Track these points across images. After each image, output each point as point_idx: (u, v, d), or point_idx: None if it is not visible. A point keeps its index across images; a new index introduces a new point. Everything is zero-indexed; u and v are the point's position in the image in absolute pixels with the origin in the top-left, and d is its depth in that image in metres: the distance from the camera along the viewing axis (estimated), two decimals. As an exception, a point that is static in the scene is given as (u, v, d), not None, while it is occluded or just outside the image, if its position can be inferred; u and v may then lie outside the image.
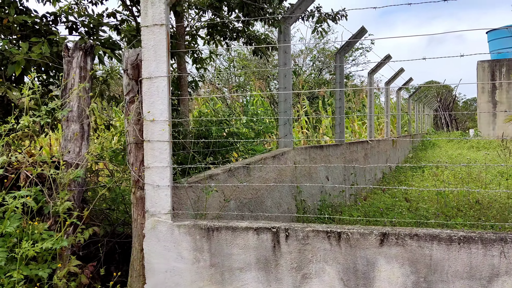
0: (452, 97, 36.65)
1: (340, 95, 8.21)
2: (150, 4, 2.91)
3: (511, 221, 6.26)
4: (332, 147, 7.41)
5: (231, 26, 6.57)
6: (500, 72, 30.57)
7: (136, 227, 3.03)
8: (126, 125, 3.05)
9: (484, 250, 2.30)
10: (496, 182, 10.01)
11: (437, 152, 18.33)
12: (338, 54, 8.24)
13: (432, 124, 34.65)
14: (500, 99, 30.37)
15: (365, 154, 9.85)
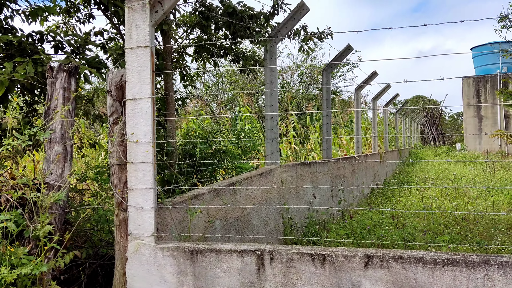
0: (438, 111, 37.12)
1: (327, 112, 8.26)
2: (135, 26, 2.92)
3: (497, 238, 6.31)
4: (319, 164, 7.43)
5: (218, 44, 6.62)
6: (485, 87, 31.12)
7: (119, 249, 2.98)
8: (110, 147, 3.03)
9: (468, 273, 2.30)
10: (482, 197, 10.10)
11: (424, 167, 18.49)
12: (324, 71, 8.32)
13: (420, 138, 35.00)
14: (486, 114, 30.87)
15: (353, 170, 9.88)
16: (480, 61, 33.18)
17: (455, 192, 10.58)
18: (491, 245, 5.77)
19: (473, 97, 31.16)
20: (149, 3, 2.93)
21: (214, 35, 6.38)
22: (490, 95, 30.85)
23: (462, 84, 32.14)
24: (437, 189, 11.40)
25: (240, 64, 6.84)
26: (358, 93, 11.23)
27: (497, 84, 30.27)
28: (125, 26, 2.95)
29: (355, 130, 11.17)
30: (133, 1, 2.93)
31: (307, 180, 6.76)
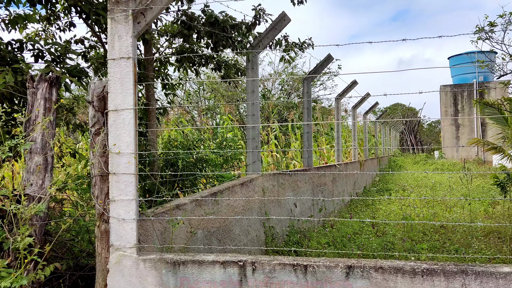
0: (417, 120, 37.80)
1: (308, 121, 8.35)
2: (117, 37, 2.93)
3: (474, 245, 6.45)
4: (300, 173, 7.49)
5: (200, 53, 6.64)
6: (462, 96, 31.87)
7: (100, 261, 2.96)
8: (91, 157, 3.01)
9: (447, 282, 2.37)
10: (459, 205, 10.31)
11: (404, 175, 18.77)
12: (305, 80, 8.41)
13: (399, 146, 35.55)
14: (463, 122, 31.57)
15: (333, 178, 9.99)
16: (457, 70, 33.98)
17: (433, 200, 10.77)
18: (468, 254, 5.90)
19: (451, 105, 31.88)
20: (132, 14, 2.94)
21: (196, 44, 6.41)
22: (467, 103, 31.59)
23: (440, 93, 32.84)
24: (417, 196, 11.60)
25: (222, 72, 6.88)
26: (339, 102, 11.38)
27: (474, 93, 31.03)
28: (108, 37, 2.95)
29: (335, 138, 11.30)
30: (116, 12, 2.93)
31: (289, 189, 6.80)
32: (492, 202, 10.74)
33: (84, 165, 5.49)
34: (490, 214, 9.31)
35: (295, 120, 15.93)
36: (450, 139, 31.46)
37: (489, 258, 5.53)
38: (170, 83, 6.65)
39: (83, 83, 4.57)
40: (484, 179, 16.74)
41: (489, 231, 7.48)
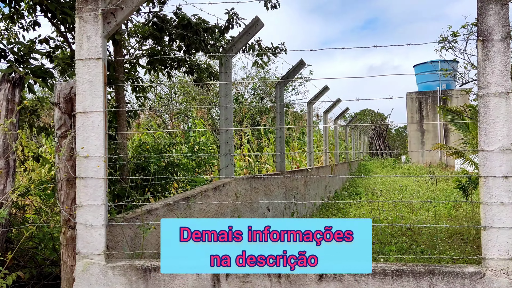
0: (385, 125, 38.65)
1: (280, 125, 8.38)
2: (86, 37, 2.84)
3: (439, 246, 6.61)
4: (273, 177, 7.49)
5: (172, 55, 6.55)
6: (426, 103, 32.81)
7: (66, 269, 2.85)
8: (57, 161, 2.90)
9: (415, 283, 2.39)
10: (425, 208, 10.56)
11: (373, 179, 19.10)
12: (278, 85, 8.44)
13: (368, 151, 36.21)
14: (427, 128, 32.48)
15: (305, 182, 10.05)
16: (422, 78, 34.95)
17: (400, 203, 11.00)
18: (434, 255, 6.03)
19: (416, 111, 32.74)
20: (102, 14, 2.86)
21: (168, 46, 6.32)
22: (431, 110, 32.54)
23: (406, 99, 33.70)
24: (385, 199, 11.81)
25: (194, 76, 6.81)
26: (310, 107, 11.48)
27: (438, 100, 31.99)
28: (76, 37, 2.86)
29: (307, 143, 11.38)
30: (85, 11, 2.85)
31: (261, 193, 6.79)
32: (455, 204, 11.06)
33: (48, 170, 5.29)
34: (453, 216, 9.57)
35: (268, 125, 15.97)
36: (416, 144, 32.31)
37: (453, 258, 5.67)
38: (141, 85, 6.52)
39: (48, 84, 4.42)
40: (447, 182, 17.21)
41: (452, 233, 7.68)
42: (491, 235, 2.32)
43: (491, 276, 2.31)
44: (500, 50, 2.30)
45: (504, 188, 2.28)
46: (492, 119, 2.31)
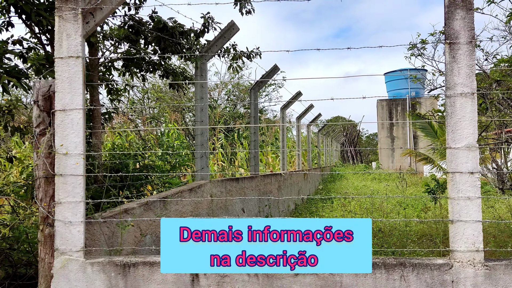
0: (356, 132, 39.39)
1: (254, 129, 8.48)
2: (66, 36, 2.86)
3: (409, 247, 6.83)
4: (248, 180, 7.57)
5: (147, 59, 6.56)
6: (396, 110, 33.64)
7: (43, 267, 2.84)
8: (35, 159, 2.90)
9: (387, 274, 2.52)
10: (395, 211, 10.86)
11: (345, 184, 19.45)
12: (252, 90, 8.55)
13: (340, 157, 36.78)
14: (397, 135, 33.30)
15: (279, 186, 10.17)
16: (392, 86, 35.85)
17: (372, 207, 11.25)
18: (404, 254, 6.23)
19: (386, 118, 33.50)
20: (82, 13, 2.89)
21: (143, 50, 6.33)
22: (401, 117, 33.38)
23: (377, 107, 34.47)
24: (357, 203, 12.05)
25: (170, 79, 6.83)
26: (284, 112, 11.64)
27: (407, 107, 32.86)
28: (56, 35, 2.88)
29: (280, 147, 11.52)
30: (65, 10, 2.87)
31: (236, 196, 6.85)
32: (424, 207, 11.41)
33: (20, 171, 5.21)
34: (422, 219, 9.88)
35: (242, 130, 16.05)
36: (386, 150, 33.06)
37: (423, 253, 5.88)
38: (115, 88, 6.50)
39: (22, 85, 4.38)
40: (417, 187, 17.69)
41: (422, 234, 7.95)
42: (458, 228, 2.46)
43: (459, 267, 2.46)
44: (466, 53, 2.47)
45: (470, 184, 2.43)
46: (459, 118, 2.47)
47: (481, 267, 2.43)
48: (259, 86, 8.68)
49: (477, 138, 2.43)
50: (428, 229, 8.13)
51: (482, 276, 2.43)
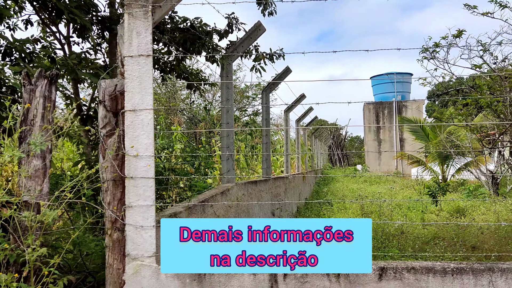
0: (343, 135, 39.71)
1: (266, 131, 8.43)
2: (136, 34, 2.77)
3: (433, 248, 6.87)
4: (263, 182, 7.52)
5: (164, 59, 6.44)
6: (383, 113, 34.00)
7: (112, 273, 2.73)
8: (102, 161, 2.79)
9: (475, 280, 2.50)
10: (399, 214, 10.92)
11: (339, 186, 19.54)
12: (264, 92, 8.51)
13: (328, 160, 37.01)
14: (384, 138, 33.66)
15: (285, 189, 10.15)
16: (378, 89, 36.25)
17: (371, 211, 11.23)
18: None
19: (373, 121, 33.82)
20: (151, 10, 2.80)
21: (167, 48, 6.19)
22: (387, 120, 33.76)
23: (364, 110, 34.75)
24: (357, 206, 12.07)
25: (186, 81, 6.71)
26: (287, 115, 11.63)
27: (393, 110, 33.25)
28: (125, 33, 2.78)
29: (284, 150, 11.50)
30: (134, 7, 2.78)
31: (255, 198, 6.79)
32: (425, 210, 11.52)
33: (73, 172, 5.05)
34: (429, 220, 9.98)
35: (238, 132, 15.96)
36: (373, 153, 33.39)
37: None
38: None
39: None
40: (411, 190, 17.85)
41: (433, 236, 8.02)
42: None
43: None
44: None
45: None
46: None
47: None
48: (270, 88, 8.64)
49: None
50: (440, 232, 8.21)
51: None
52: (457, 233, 7.87)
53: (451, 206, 10.98)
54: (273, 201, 8.32)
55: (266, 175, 8.30)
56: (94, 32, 5.40)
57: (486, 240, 7.24)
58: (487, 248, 6.62)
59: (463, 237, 7.50)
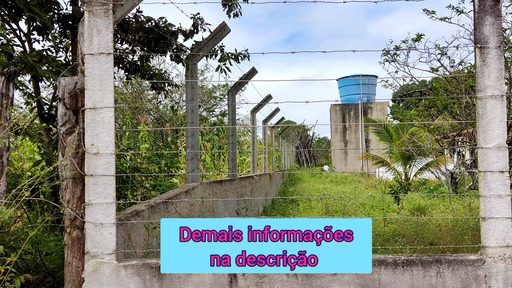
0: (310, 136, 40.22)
1: (232, 131, 8.48)
2: (96, 32, 2.76)
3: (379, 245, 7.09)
4: (229, 182, 7.56)
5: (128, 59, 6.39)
6: (349, 115, 34.69)
7: (71, 271, 2.71)
8: (61, 158, 2.77)
9: (424, 271, 2.64)
10: (364, 212, 11.20)
11: (305, 186, 19.79)
12: (230, 92, 8.56)
13: (295, 160, 37.38)
14: (350, 139, 34.32)
15: (251, 188, 10.22)
16: (344, 91, 36.93)
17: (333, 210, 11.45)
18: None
19: (340, 122, 34.43)
20: (112, 9, 2.81)
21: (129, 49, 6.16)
22: (353, 121, 34.44)
23: (330, 111, 35.34)
24: (323, 205, 12.30)
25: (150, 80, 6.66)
26: (254, 115, 11.72)
27: (359, 112, 33.97)
28: (85, 31, 2.77)
29: (251, 150, 11.58)
30: (95, 5, 2.78)
31: (220, 198, 6.83)
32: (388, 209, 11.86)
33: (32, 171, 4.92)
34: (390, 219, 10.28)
35: (204, 132, 15.94)
36: (339, 154, 34.02)
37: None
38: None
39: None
40: (375, 190, 18.32)
41: (394, 233, 8.28)
42: (489, 225, 2.63)
43: (491, 263, 2.62)
44: (495, 57, 2.65)
45: (501, 182, 2.60)
46: (489, 119, 2.64)
47: (511, 262, 2.61)
48: (237, 88, 8.70)
49: (506, 139, 2.61)
50: (400, 229, 8.49)
51: None
52: (417, 230, 8.16)
53: (412, 205, 11.35)
54: (239, 201, 8.38)
55: (232, 175, 8.34)
56: (55, 30, 5.31)
57: (443, 237, 7.54)
58: (444, 244, 6.90)
59: (422, 234, 7.79)
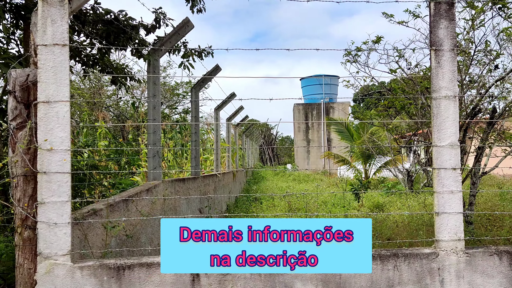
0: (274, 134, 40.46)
1: (195, 128, 8.39)
2: (50, 22, 2.64)
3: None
4: (191, 180, 7.48)
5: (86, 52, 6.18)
6: (312, 114, 35.16)
7: (22, 273, 2.58)
8: (11, 155, 2.63)
9: (382, 265, 2.69)
10: (326, 210, 11.37)
11: (269, 184, 19.90)
12: (193, 89, 8.46)
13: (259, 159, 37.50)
14: (312, 138, 34.80)
15: (215, 187, 10.15)
16: (307, 91, 37.40)
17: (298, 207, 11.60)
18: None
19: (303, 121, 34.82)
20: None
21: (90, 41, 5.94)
22: (316, 120, 34.94)
23: (293, 110, 35.71)
24: (285, 203, 12.41)
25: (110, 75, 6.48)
26: (217, 113, 11.65)
27: (322, 111, 34.51)
28: (39, 21, 2.64)
29: (214, 148, 11.51)
30: (49, -6, 2.65)
31: (182, 196, 6.73)
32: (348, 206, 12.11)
33: None
34: (350, 216, 10.49)
35: (167, 130, 15.71)
36: (302, 152, 34.45)
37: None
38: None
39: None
40: (337, 188, 18.66)
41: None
42: (443, 219, 2.71)
43: (444, 256, 2.70)
44: (449, 59, 2.73)
45: (453, 179, 2.69)
46: (443, 118, 2.72)
47: (462, 255, 2.70)
48: (200, 85, 8.60)
49: (458, 137, 2.70)
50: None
51: (463, 262, 2.70)
52: (375, 226, 8.36)
53: (372, 202, 11.63)
54: (202, 199, 8.30)
55: (195, 172, 8.26)
56: (7, 20, 5.06)
57: (400, 232, 7.76)
58: (401, 239, 7.10)
59: (380, 230, 7.98)
